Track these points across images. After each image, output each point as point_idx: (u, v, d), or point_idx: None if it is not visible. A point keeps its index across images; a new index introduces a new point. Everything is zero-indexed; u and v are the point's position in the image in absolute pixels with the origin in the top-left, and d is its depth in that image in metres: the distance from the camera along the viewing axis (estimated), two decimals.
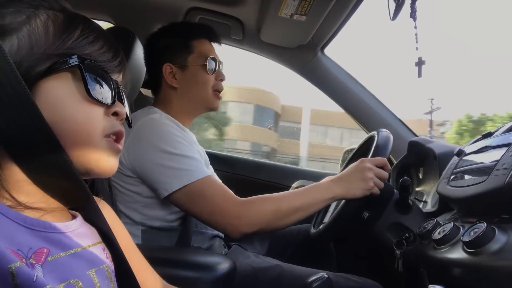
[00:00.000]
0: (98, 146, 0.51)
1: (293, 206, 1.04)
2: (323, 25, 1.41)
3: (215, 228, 1.09)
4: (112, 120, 0.53)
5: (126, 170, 1.08)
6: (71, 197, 0.51)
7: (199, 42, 1.24)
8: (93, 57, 0.52)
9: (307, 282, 0.78)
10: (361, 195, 1.03)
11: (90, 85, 0.50)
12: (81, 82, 0.49)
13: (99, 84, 0.52)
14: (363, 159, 1.08)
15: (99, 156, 0.52)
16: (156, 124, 1.10)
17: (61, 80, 0.49)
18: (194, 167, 1.05)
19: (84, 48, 0.51)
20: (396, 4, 0.97)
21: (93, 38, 0.52)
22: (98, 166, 0.52)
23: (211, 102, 1.24)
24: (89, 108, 0.50)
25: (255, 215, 1.02)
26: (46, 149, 0.46)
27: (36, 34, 0.49)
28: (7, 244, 0.40)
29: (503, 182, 0.69)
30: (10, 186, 0.46)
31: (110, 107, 0.53)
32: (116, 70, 0.56)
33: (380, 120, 1.66)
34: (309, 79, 1.72)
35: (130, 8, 1.57)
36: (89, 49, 0.52)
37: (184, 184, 1.02)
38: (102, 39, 0.54)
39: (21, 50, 0.47)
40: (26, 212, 0.45)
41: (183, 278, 0.87)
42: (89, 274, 0.49)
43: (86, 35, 0.52)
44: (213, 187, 1.05)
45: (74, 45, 0.50)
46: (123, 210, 1.11)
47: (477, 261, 0.68)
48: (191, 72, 1.21)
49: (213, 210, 1.02)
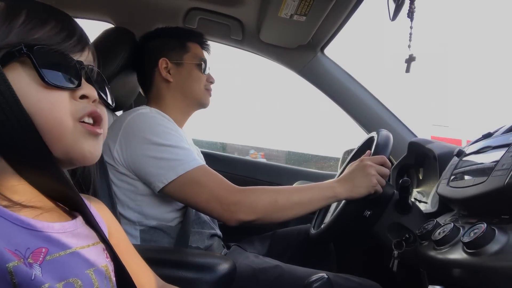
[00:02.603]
0: (73, 132, 0.49)
1: (291, 199, 1.04)
2: (323, 26, 1.41)
3: (212, 215, 1.10)
4: (82, 103, 0.51)
5: (121, 167, 1.08)
6: (63, 195, 0.50)
7: (194, 45, 1.29)
8: (43, 40, 0.48)
9: (307, 282, 0.78)
10: (366, 192, 1.02)
11: (44, 71, 0.47)
12: (34, 70, 0.47)
13: (57, 68, 0.49)
14: (363, 157, 1.08)
15: (76, 142, 0.50)
16: (145, 117, 1.11)
17: (15, 72, 0.47)
18: (187, 157, 1.06)
19: (31, 33, 0.48)
20: (396, 4, 0.97)
21: (41, 21, 0.50)
22: (77, 152, 0.50)
23: (203, 97, 1.28)
24: (51, 96, 0.48)
25: (252, 203, 1.02)
26: (29, 143, 0.45)
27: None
28: (5, 244, 0.40)
29: (503, 183, 0.69)
30: (3, 186, 0.45)
31: (76, 90, 0.50)
32: (76, 50, 0.52)
33: (380, 120, 1.66)
34: (308, 79, 1.72)
35: (130, 8, 1.57)
36: (38, 33, 0.49)
37: (179, 174, 1.02)
38: (53, 19, 0.51)
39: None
40: (23, 211, 0.45)
41: (183, 279, 0.87)
42: (87, 273, 0.48)
43: (32, 19, 0.49)
44: (208, 175, 1.05)
45: (19, 32, 0.48)
46: (121, 211, 1.11)
47: (477, 261, 0.67)
48: (186, 69, 1.25)
49: (209, 198, 1.02)
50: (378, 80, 6.64)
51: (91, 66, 0.54)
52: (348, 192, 1.03)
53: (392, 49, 7.42)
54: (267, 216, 1.03)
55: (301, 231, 1.45)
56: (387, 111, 1.70)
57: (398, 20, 0.99)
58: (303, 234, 1.43)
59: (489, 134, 0.94)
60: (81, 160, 0.52)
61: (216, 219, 1.19)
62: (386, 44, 19.87)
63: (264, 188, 1.06)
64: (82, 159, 0.52)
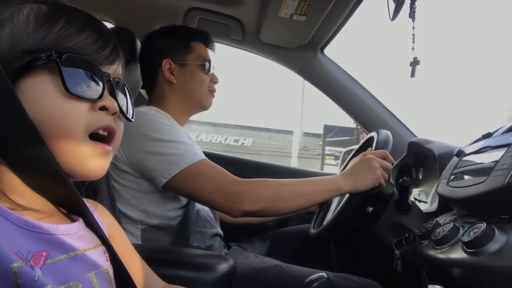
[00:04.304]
0: (81, 145, 0.48)
1: (294, 190, 1.04)
2: (322, 25, 1.41)
3: (215, 207, 1.09)
4: (100, 115, 0.50)
5: (123, 165, 1.09)
6: (65, 199, 0.50)
7: (197, 44, 1.28)
8: (76, 49, 0.48)
9: (307, 282, 0.78)
10: (371, 185, 1.01)
11: (69, 80, 0.46)
12: (59, 77, 0.46)
13: (83, 78, 0.48)
14: (365, 152, 1.08)
15: (82, 156, 0.48)
16: (145, 115, 1.11)
17: (40, 76, 0.46)
18: (189, 151, 1.06)
19: (66, 41, 0.48)
20: (395, 4, 0.97)
21: (77, 30, 0.49)
22: (80, 167, 0.49)
23: (206, 99, 1.28)
24: (70, 104, 0.47)
25: (255, 193, 1.02)
26: (31, 148, 0.44)
27: (17, 30, 0.47)
28: (8, 245, 0.41)
29: (502, 183, 0.69)
30: (7, 188, 0.45)
31: (97, 101, 0.49)
32: (106, 62, 0.52)
33: (379, 120, 1.67)
34: (308, 79, 1.72)
35: (130, 8, 1.57)
36: (72, 41, 0.49)
37: (181, 168, 1.03)
38: (89, 29, 0.51)
39: (2, 47, 0.46)
40: (27, 214, 0.45)
41: (183, 279, 0.87)
42: (88, 276, 0.48)
43: (69, 26, 0.49)
44: (210, 167, 1.05)
45: (55, 38, 0.48)
46: (122, 209, 1.11)
47: (476, 261, 0.68)
48: (189, 70, 1.25)
49: (212, 189, 1.02)
50: (378, 80, 6.61)
51: (117, 79, 0.54)
52: (352, 185, 1.02)
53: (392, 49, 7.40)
54: (270, 206, 1.02)
55: (301, 230, 1.45)
56: (387, 111, 1.70)
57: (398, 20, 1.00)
58: (303, 234, 1.43)
59: (489, 134, 0.94)
60: (83, 176, 0.51)
61: (220, 211, 1.19)
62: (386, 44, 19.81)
63: (267, 180, 1.06)
64: (84, 175, 0.50)
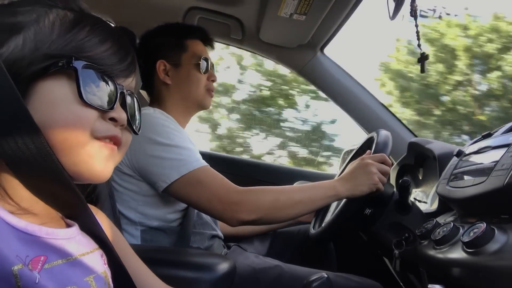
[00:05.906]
0: (88, 148, 0.49)
1: (292, 198, 1.04)
2: (322, 25, 1.41)
3: (213, 215, 1.09)
4: (108, 125, 0.51)
5: (125, 168, 1.09)
6: (66, 204, 0.50)
7: (193, 42, 1.26)
8: (95, 59, 0.50)
9: (307, 282, 0.78)
10: (368, 190, 1.01)
11: (84, 88, 0.48)
12: (75, 84, 0.48)
13: (97, 87, 0.49)
14: (363, 156, 1.08)
15: (88, 158, 0.49)
16: (149, 118, 1.10)
17: (57, 81, 0.48)
18: (191, 157, 1.06)
19: (87, 50, 0.50)
20: (395, 3, 0.97)
21: (100, 40, 0.51)
22: (87, 169, 0.50)
23: (203, 100, 1.26)
24: (80, 110, 0.48)
25: (254, 203, 1.02)
26: (36, 151, 0.44)
27: (42, 34, 0.48)
28: (7, 248, 0.41)
29: (502, 183, 0.69)
30: (8, 191, 0.45)
31: (108, 111, 0.50)
32: (122, 74, 0.53)
33: (379, 120, 1.66)
34: (308, 79, 1.72)
35: (130, 8, 1.57)
36: (93, 51, 0.50)
37: (182, 173, 1.02)
38: (110, 41, 0.52)
39: (24, 49, 0.47)
40: (28, 218, 0.45)
41: (183, 279, 0.87)
42: (87, 281, 0.49)
43: (92, 36, 0.50)
44: (210, 175, 1.05)
45: (77, 46, 0.49)
46: (122, 211, 1.11)
47: (476, 261, 0.67)
48: (184, 70, 1.23)
49: (211, 198, 1.02)
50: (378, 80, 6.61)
51: (129, 92, 0.55)
52: (349, 190, 1.02)
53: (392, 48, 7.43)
54: (269, 215, 1.03)
55: (301, 230, 1.45)
56: (387, 111, 1.70)
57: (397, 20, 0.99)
58: (303, 234, 1.43)
59: (489, 134, 0.94)
60: (89, 178, 0.51)
61: (218, 219, 1.19)
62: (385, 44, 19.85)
63: (265, 188, 1.06)
64: (90, 177, 0.51)
